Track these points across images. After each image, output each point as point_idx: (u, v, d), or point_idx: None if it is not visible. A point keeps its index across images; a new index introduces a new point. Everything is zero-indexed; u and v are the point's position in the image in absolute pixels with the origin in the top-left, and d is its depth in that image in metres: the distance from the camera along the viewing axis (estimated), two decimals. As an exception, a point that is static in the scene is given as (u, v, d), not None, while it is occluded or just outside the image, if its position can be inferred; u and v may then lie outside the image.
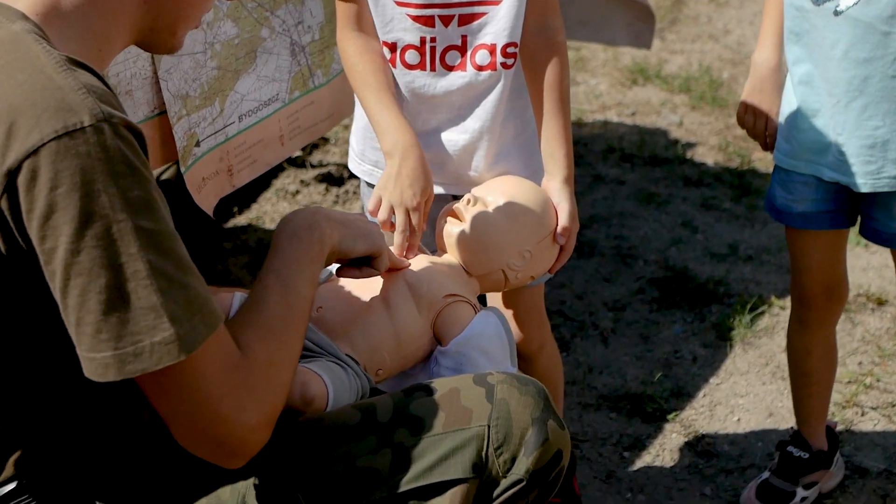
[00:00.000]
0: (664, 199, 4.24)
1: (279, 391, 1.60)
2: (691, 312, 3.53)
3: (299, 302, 1.70)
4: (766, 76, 2.49)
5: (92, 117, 1.41)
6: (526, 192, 2.18)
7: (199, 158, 2.36)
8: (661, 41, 5.85)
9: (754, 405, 3.11)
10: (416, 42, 2.20)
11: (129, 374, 1.44)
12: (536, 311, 2.49)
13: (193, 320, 1.46)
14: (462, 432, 1.69)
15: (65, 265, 1.41)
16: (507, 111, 2.27)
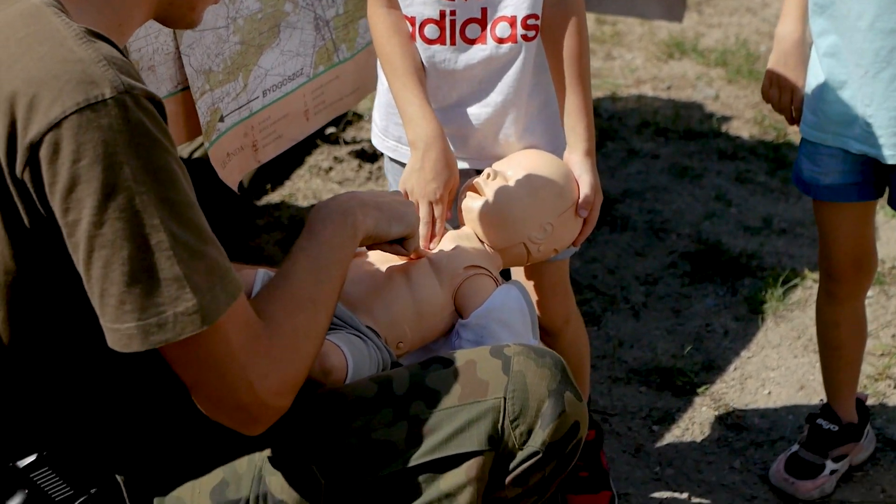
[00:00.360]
0: (698, 172, 4.22)
1: (302, 362, 1.62)
2: (723, 286, 3.52)
3: (329, 281, 1.71)
4: (790, 49, 2.47)
5: (113, 89, 1.42)
6: (546, 165, 2.18)
7: (224, 133, 2.37)
8: (698, 15, 5.80)
9: (785, 378, 3.10)
10: (436, 16, 2.19)
11: (154, 345, 1.45)
12: (561, 286, 2.49)
13: (214, 290, 1.47)
14: (478, 405, 1.69)
15: (88, 237, 1.42)
16: (530, 84, 2.26)
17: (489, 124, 2.27)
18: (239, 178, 2.42)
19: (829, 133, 2.40)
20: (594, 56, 5.33)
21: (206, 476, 1.68)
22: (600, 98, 4.88)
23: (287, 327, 1.60)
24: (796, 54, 2.47)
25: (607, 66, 5.23)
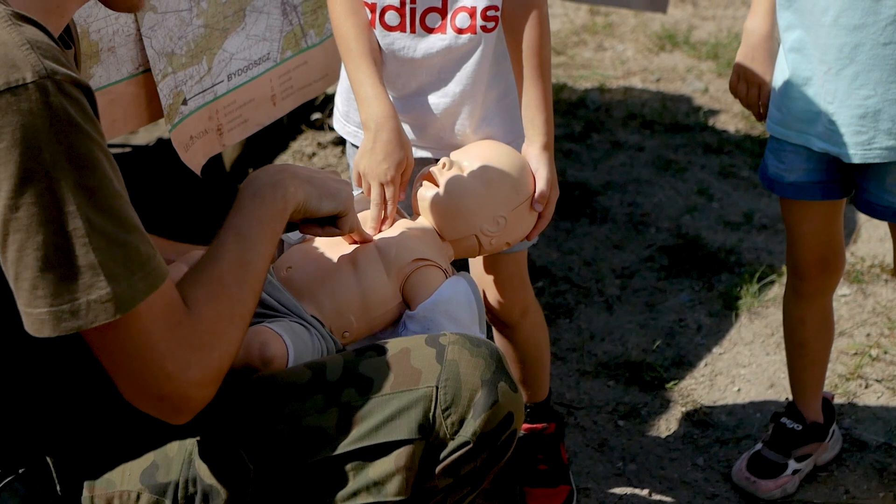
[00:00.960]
0: (682, 166, 4.20)
1: (227, 348, 1.60)
2: (700, 281, 3.50)
3: (256, 260, 1.69)
4: (757, 44, 2.45)
5: (35, 74, 1.41)
6: (502, 157, 2.16)
7: (187, 117, 2.36)
8: (693, 7, 5.78)
9: (756, 376, 3.08)
10: (396, 3, 2.17)
11: (65, 331, 1.44)
12: (518, 278, 2.47)
13: (132, 278, 1.46)
14: (410, 393, 1.68)
15: (3, 220, 1.41)
16: (490, 75, 2.24)
17: (447, 114, 2.25)
18: (202, 161, 2.41)
19: (793, 130, 2.38)
20: (585, 47, 5.31)
21: (137, 459, 1.68)
22: (588, 89, 4.86)
23: (210, 313, 1.58)
24: (763, 49, 2.45)
25: (598, 57, 5.21)
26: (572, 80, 4.97)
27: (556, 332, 3.24)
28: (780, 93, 2.40)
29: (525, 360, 2.59)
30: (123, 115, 2.28)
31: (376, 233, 2.09)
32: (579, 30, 5.49)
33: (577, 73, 5.03)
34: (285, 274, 2.01)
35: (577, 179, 4.10)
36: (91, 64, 2.17)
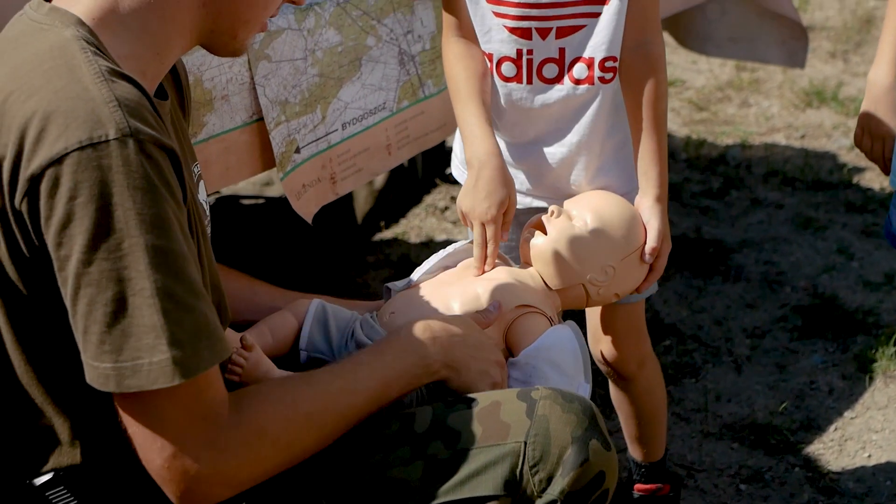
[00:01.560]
0: (823, 224, 4.07)
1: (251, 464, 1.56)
2: (834, 342, 3.37)
3: (345, 408, 1.66)
4: (880, 95, 2.37)
5: (118, 131, 1.43)
6: (613, 207, 2.12)
7: (299, 165, 2.37)
8: (843, 63, 5.64)
9: (889, 442, 2.94)
10: (513, 54, 2.17)
11: (127, 389, 1.44)
12: (635, 329, 2.41)
13: (198, 346, 1.46)
14: (497, 448, 1.64)
15: (76, 274, 1.43)
16: (607, 126, 2.21)
17: (564, 164, 2.23)
18: (315, 210, 2.42)
19: None
20: (729, 103, 5.22)
21: (221, 502, 1.67)
22: (729, 146, 4.76)
23: (254, 425, 1.56)
24: (886, 101, 2.36)
25: (741, 113, 5.11)
26: (713, 136, 4.88)
27: (681, 391, 3.16)
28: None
29: (641, 416, 2.53)
30: (237, 163, 2.30)
31: (479, 273, 2.06)
32: (724, 85, 5.40)
33: (719, 129, 4.94)
34: (388, 319, 2.00)
35: (712, 236, 4.01)
36: (205, 112, 2.19)
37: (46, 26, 1.55)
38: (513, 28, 2.14)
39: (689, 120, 5.06)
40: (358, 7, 2.40)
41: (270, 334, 2.00)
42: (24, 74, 1.50)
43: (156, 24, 1.61)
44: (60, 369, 1.57)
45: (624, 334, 2.40)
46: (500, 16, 2.15)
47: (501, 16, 2.14)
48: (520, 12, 2.12)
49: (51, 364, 1.57)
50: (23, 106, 1.46)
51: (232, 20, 1.68)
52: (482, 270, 2.07)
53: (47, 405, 1.59)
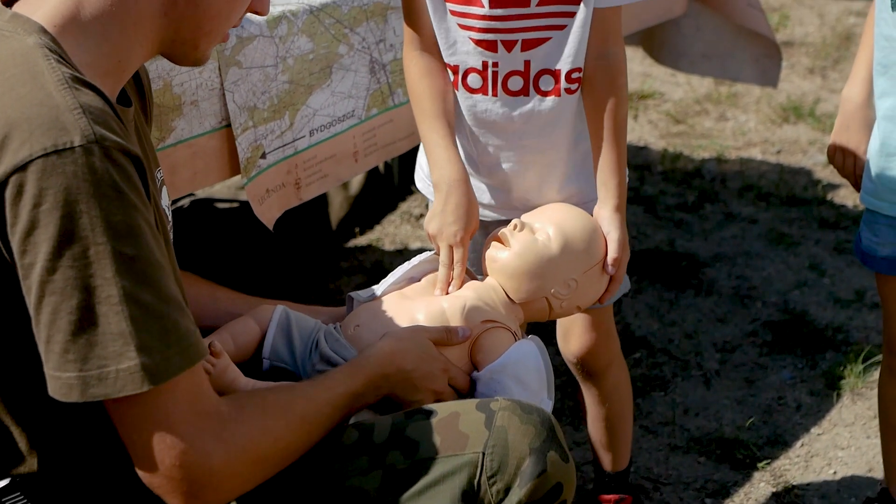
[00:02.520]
0: (796, 240, 4.09)
1: (256, 453, 1.57)
2: (803, 358, 3.38)
3: (327, 421, 1.70)
4: (853, 112, 2.37)
5: (83, 138, 1.42)
6: (575, 221, 2.12)
7: (264, 170, 2.36)
8: (822, 79, 5.67)
9: (854, 459, 2.95)
10: (479, 66, 2.16)
11: (92, 398, 1.43)
12: (604, 329, 2.44)
13: (167, 352, 1.45)
14: (455, 458, 1.64)
15: (40, 282, 1.42)
16: (572, 137, 2.22)
17: (532, 176, 2.23)
18: (277, 215, 2.41)
19: (886, 201, 2.29)
20: (707, 116, 5.24)
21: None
22: (705, 159, 4.78)
23: (257, 422, 1.57)
24: (858, 118, 2.37)
25: (718, 127, 5.12)
26: (690, 149, 4.89)
27: (650, 404, 3.16)
28: (872, 162, 2.31)
29: (608, 418, 2.55)
30: (205, 168, 2.30)
31: (444, 294, 2.06)
32: (702, 99, 5.42)
33: (695, 143, 4.95)
34: (353, 332, 1.99)
35: (685, 250, 4.02)
36: (173, 117, 2.19)
37: (8, 33, 1.54)
38: (478, 40, 2.14)
39: (665, 133, 5.07)
40: (331, 15, 2.40)
41: (232, 341, 1.99)
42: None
43: (117, 32, 1.60)
44: (17, 380, 1.55)
45: (595, 328, 2.42)
46: (465, 28, 2.14)
47: (467, 28, 2.14)
48: (485, 24, 2.12)
49: (8, 374, 1.56)
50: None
51: (194, 30, 1.67)
52: (446, 292, 2.07)
53: (4, 415, 1.58)
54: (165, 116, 2.17)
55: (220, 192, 4.17)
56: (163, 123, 2.17)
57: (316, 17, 2.38)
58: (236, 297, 2.13)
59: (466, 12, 2.12)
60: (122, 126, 1.54)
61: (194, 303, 1.90)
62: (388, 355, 1.83)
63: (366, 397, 1.78)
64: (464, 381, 1.93)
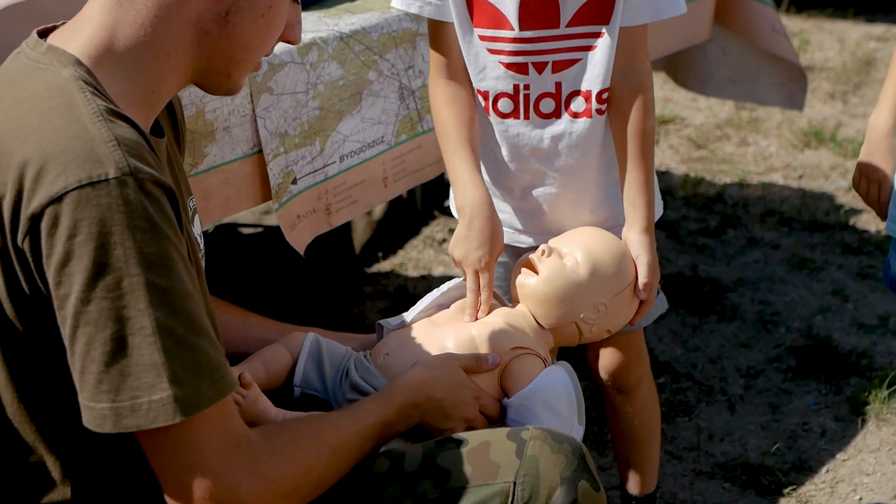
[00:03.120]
0: (819, 265, 4.09)
1: (286, 486, 1.58)
2: (827, 384, 3.38)
3: (359, 450, 1.71)
4: (879, 139, 2.38)
5: (117, 170, 1.44)
6: (603, 245, 2.13)
7: (295, 196, 2.38)
8: (843, 104, 5.67)
9: (880, 485, 2.95)
10: (510, 90, 2.18)
11: (124, 429, 1.45)
12: (636, 348, 2.46)
13: (199, 383, 1.46)
14: (486, 487, 1.65)
15: (74, 313, 1.43)
16: (606, 159, 2.23)
17: (564, 199, 2.25)
18: (308, 241, 2.43)
19: None
20: (728, 141, 5.24)
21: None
22: (727, 184, 4.78)
23: (289, 454, 1.58)
24: (884, 145, 2.38)
25: (740, 152, 5.13)
26: (711, 174, 4.90)
27: (674, 430, 3.16)
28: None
29: (636, 439, 2.57)
30: (237, 195, 2.32)
31: (472, 320, 2.07)
32: (723, 124, 5.42)
33: (717, 168, 4.96)
34: (382, 361, 2.00)
35: (708, 275, 4.02)
36: (206, 143, 2.21)
37: (44, 66, 1.57)
38: (509, 63, 2.15)
39: (687, 157, 5.08)
40: (361, 42, 2.42)
41: (264, 368, 2.00)
42: (23, 114, 1.51)
43: (150, 63, 1.62)
44: (53, 409, 1.57)
45: (626, 347, 2.44)
46: (495, 52, 2.15)
47: (497, 52, 2.15)
48: (515, 47, 2.13)
49: (43, 403, 1.57)
50: (22, 145, 1.47)
51: (226, 60, 1.69)
52: (475, 317, 2.08)
53: (38, 444, 1.59)
54: (198, 143, 2.20)
55: (244, 217, 4.19)
56: (196, 150, 2.19)
57: (346, 44, 2.40)
58: (267, 324, 2.15)
59: (496, 36, 2.13)
60: (155, 158, 1.56)
61: (225, 329, 1.92)
62: (419, 384, 1.84)
63: (396, 426, 1.79)
64: (494, 409, 1.94)
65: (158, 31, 1.60)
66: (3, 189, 1.46)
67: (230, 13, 1.63)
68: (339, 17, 2.48)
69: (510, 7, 2.10)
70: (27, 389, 1.56)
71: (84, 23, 1.61)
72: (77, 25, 1.62)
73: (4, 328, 1.52)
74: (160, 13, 1.59)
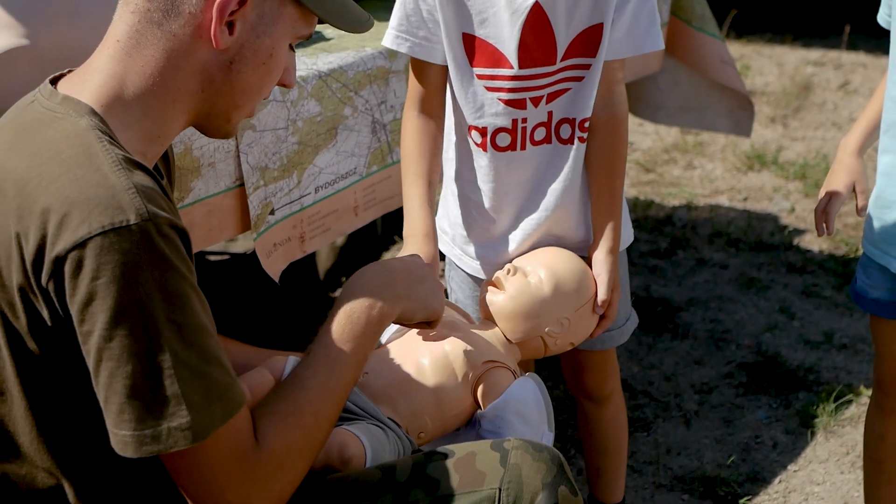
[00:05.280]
0: (765, 284, 4.26)
1: (290, 480, 1.72)
2: (777, 398, 3.54)
3: (340, 386, 1.81)
4: (840, 158, 2.55)
5: (137, 216, 1.54)
6: (564, 263, 2.27)
7: (272, 226, 2.50)
8: (783, 127, 5.86)
9: (830, 494, 3.11)
10: (508, 125, 2.28)
11: (145, 454, 1.56)
12: (610, 361, 2.62)
13: (211, 408, 1.58)
14: (474, 494, 1.77)
15: (97, 349, 1.54)
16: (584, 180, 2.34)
17: (548, 224, 2.35)
18: (282, 267, 2.55)
19: (877, 249, 2.44)
20: (675, 165, 5.41)
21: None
22: (675, 207, 4.95)
23: (279, 447, 1.69)
24: (845, 164, 2.53)
25: (686, 175, 5.30)
26: (660, 197, 5.06)
27: (634, 444, 3.30)
28: (870, 211, 2.48)
29: (607, 447, 2.71)
30: (219, 225, 2.43)
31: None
32: (669, 148, 5.60)
33: (665, 191, 5.13)
34: (363, 379, 2.11)
35: (660, 295, 4.18)
36: (192, 178, 2.32)
37: (60, 115, 1.66)
38: (507, 100, 2.25)
39: (636, 181, 5.25)
40: (338, 80, 2.55)
41: (249, 392, 2.10)
42: (43, 162, 1.60)
43: (157, 109, 1.73)
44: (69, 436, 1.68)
45: (600, 367, 2.61)
46: (493, 90, 2.26)
47: (495, 90, 2.26)
48: (514, 84, 2.24)
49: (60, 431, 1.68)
50: (45, 192, 1.56)
51: (227, 105, 1.80)
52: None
53: (54, 469, 1.70)
54: (185, 178, 2.31)
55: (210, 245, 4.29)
56: (182, 184, 2.31)
57: (324, 82, 2.53)
58: (247, 350, 2.24)
59: (495, 74, 2.24)
60: (167, 201, 1.66)
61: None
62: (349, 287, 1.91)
63: (368, 340, 1.86)
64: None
65: (165, 79, 1.71)
66: (26, 232, 1.56)
67: (234, 62, 1.74)
68: (317, 56, 2.61)
69: (510, 47, 2.21)
70: (45, 418, 1.67)
71: (94, 72, 1.71)
72: (87, 74, 1.72)
73: (26, 361, 1.63)
74: (167, 63, 1.70)
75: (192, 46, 1.71)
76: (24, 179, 1.59)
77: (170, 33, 1.70)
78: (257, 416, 1.71)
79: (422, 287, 1.98)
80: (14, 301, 1.59)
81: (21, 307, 1.59)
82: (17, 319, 1.60)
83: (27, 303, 1.58)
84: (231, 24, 1.71)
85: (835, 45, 7.08)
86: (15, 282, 1.58)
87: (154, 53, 1.70)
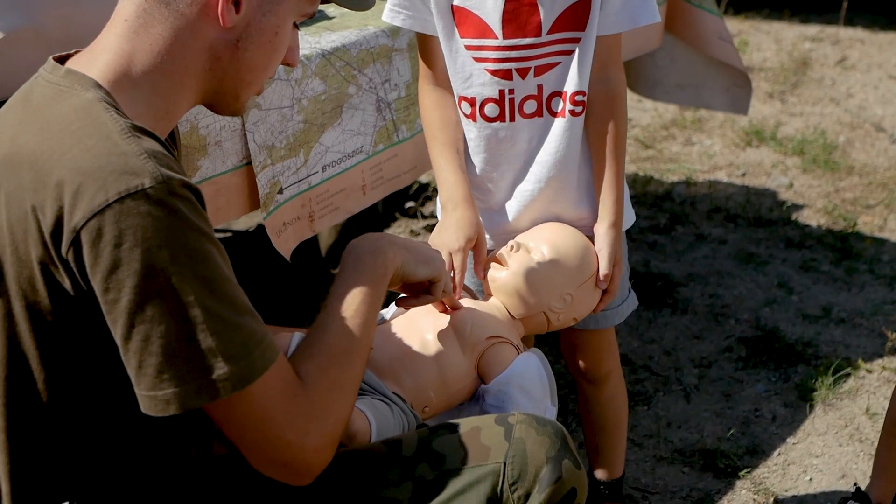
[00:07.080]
0: (764, 259, 4.29)
1: (340, 414, 1.77)
2: (776, 372, 3.58)
3: (361, 328, 1.85)
4: None
5: (152, 179, 1.57)
6: (567, 239, 2.30)
7: (281, 205, 2.53)
8: (781, 103, 5.89)
9: (828, 466, 3.15)
10: (496, 95, 2.33)
11: (189, 407, 1.59)
12: (606, 343, 2.64)
13: (251, 357, 1.61)
14: (479, 468, 1.80)
15: (128, 313, 1.56)
16: (581, 159, 2.37)
17: (544, 197, 2.38)
18: (293, 246, 2.57)
19: None
20: (674, 141, 5.44)
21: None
22: (675, 183, 4.98)
23: (323, 383, 1.74)
24: None
25: (685, 151, 5.33)
26: (659, 173, 5.09)
27: (635, 418, 3.34)
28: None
29: (605, 426, 2.73)
30: (227, 204, 2.46)
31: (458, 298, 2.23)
32: (668, 124, 5.62)
33: (664, 167, 5.15)
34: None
35: (660, 270, 4.21)
36: (199, 157, 2.35)
37: (66, 88, 1.68)
38: (494, 70, 2.31)
39: (636, 157, 5.27)
40: (341, 58, 2.58)
41: None
42: (54, 135, 1.62)
43: (165, 86, 1.75)
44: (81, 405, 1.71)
45: (597, 347, 2.63)
46: (480, 60, 2.31)
47: (482, 60, 2.31)
48: (500, 55, 2.29)
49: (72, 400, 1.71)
50: (58, 164, 1.59)
51: (235, 82, 1.83)
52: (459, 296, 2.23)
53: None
54: (192, 156, 2.33)
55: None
56: (189, 163, 2.33)
57: (328, 61, 2.55)
58: None
59: (481, 45, 2.29)
60: (178, 164, 1.70)
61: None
62: (351, 247, 1.95)
63: (377, 285, 1.91)
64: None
65: (173, 57, 1.74)
66: (42, 205, 1.58)
67: (240, 40, 1.77)
68: (320, 34, 2.64)
69: (494, 17, 2.26)
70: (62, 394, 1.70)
71: (102, 51, 1.73)
72: (94, 53, 1.74)
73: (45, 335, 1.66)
74: (175, 41, 1.73)
75: (200, 25, 1.74)
76: (36, 154, 1.62)
77: (177, 12, 1.72)
78: (293, 362, 1.76)
79: (421, 245, 2.04)
80: (34, 275, 1.61)
81: (42, 281, 1.61)
82: (35, 294, 1.63)
83: (48, 276, 1.61)
84: (237, 2, 1.74)
85: (832, 20, 7.11)
86: (34, 256, 1.60)
87: (162, 32, 1.72)
